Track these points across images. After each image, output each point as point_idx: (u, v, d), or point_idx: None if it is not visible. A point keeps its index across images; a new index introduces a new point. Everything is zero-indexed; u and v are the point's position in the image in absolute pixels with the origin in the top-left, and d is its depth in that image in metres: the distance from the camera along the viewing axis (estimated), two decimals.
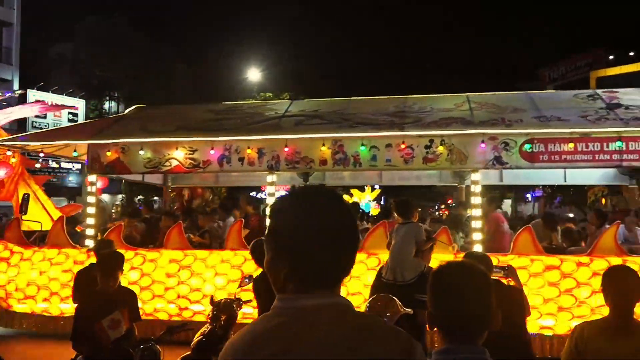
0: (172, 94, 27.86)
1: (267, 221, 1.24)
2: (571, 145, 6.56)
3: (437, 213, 35.97)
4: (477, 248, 6.72)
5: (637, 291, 2.69)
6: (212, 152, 6.94)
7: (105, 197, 22.24)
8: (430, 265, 5.22)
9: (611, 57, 36.75)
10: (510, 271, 4.22)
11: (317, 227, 1.19)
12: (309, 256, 1.18)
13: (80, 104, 28.18)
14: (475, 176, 6.83)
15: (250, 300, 4.49)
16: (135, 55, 30.00)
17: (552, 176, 8.59)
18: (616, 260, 6.24)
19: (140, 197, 28.10)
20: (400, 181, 10.16)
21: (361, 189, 25.69)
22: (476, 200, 6.82)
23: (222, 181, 9.29)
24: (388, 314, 3.54)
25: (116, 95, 33.07)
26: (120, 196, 27.08)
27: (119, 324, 3.87)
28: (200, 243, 7.18)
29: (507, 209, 35.29)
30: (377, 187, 25.64)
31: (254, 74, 30.80)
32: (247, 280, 4.66)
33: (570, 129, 6.52)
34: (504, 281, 4.05)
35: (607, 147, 6.58)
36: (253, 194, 22.46)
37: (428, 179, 9.88)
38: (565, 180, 8.48)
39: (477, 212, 6.82)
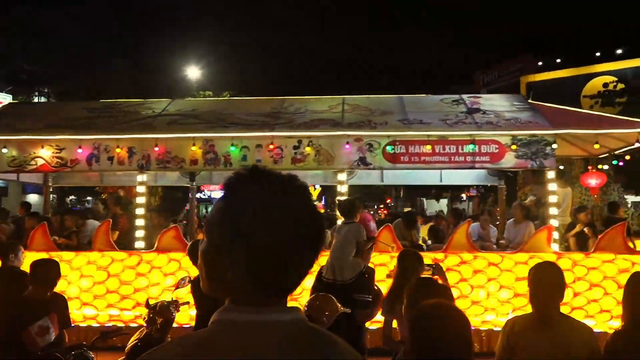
0: (108, 90, 27.28)
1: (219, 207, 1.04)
2: (428, 147, 6.92)
3: (377, 212, 36.75)
4: None
5: (558, 286, 2.82)
6: (79, 150, 6.92)
7: (35, 197, 21.55)
8: (369, 265, 5.29)
9: (540, 63, 38.33)
10: (437, 269, 4.38)
11: (288, 221, 1.00)
12: (274, 257, 0.99)
13: (6, 99, 27.14)
14: (341, 176, 7.12)
15: (187, 302, 4.41)
16: (69, 49, 29.21)
17: (430, 177, 8.99)
18: (468, 256, 6.68)
19: (72, 197, 27.38)
20: (399, 180, 9.90)
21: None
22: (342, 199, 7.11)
23: (107, 181, 9.17)
24: (327, 312, 3.51)
25: (46, 90, 32.00)
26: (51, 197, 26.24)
27: (47, 330, 3.70)
28: (66, 245, 7.12)
29: (444, 208, 36.36)
30: (317, 186, 25.82)
31: (193, 72, 30.50)
32: (184, 281, 4.54)
33: (428, 132, 6.91)
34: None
35: (462, 149, 6.98)
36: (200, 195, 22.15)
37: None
38: (441, 181, 8.91)
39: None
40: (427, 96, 7.99)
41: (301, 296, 5.54)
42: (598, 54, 36.17)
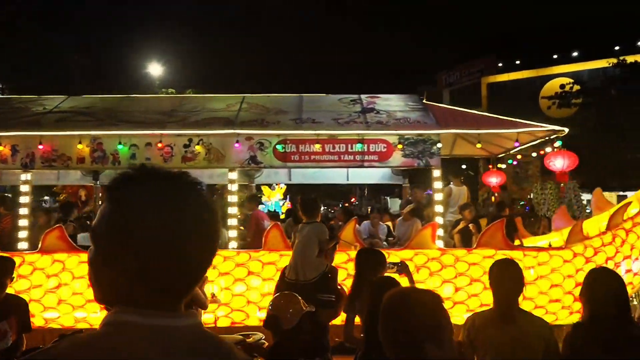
0: (67, 87, 26.82)
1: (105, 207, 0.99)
2: (318, 146, 6.98)
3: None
4: (233, 245, 7.05)
5: (518, 282, 2.92)
6: None
7: None
8: (333, 264, 5.22)
9: (500, 64, 38.92)
10: (403, 267, 4.38)
11: (179, 221, 0.96)
12: (165, 260, 0.95)
13: None
14: (232, 175, 7.13)
15: None
16: (26, 45, 28.57)
17: (337, 176, 9.07)
18: (354, 254, 6.76)
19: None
20: (307, 179, 9.95)
21: (271, 186, 25.73)
22: (233, 198, 7.13)
23: (5, 180, 8.96)
24: (291, 311, 3.50)
25: (1, 87, 31.31)
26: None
27: (5, 335, 3.61)
28: None
29: (396, 207, 36.62)
30: (282, 184, 25.74)
31: (155, 69, 30.18)
32: None
33: (318, 131, 6.96)
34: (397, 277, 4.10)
35: (352, 148, 7.06)
36: None
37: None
38: (347, 180, 8.99)
39: (234, 210, 7.13)
40: (327, 95, 8.04)
41: None
42: (555, 56, 36.85)
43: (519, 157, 8.29)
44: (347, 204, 43.29)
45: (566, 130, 7.33)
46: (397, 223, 7.93)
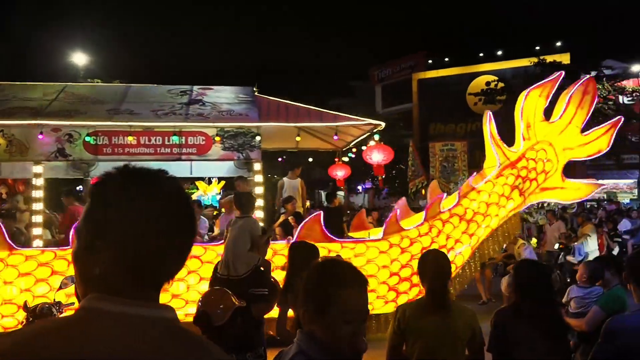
0: None
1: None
2: (131, 138, 6.67)
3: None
4: (38, 243, 6.65)
5: (447, 271, 3.03)
6: None
7: None
8: (266, 258, 5.18)
9: (430, 61, 39.53)
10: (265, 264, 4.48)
11: (159, 214, 0.99)
12: (140, 250, 0.97)
13: None
14: (37, 169, 6.71)
15: (72, 304, 4.16)
16: None
17: (181, 169, 8.75)
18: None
19: None
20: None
21: (207, 180, 25.17)
22: (38, 193, 6.72)
23: None
24: (221, 306, 3.42)
25: None
26: None
27: None
28: None
29: (342, 200, 36.76)
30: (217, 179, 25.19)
31: (80, 58, 29.00)
32: (68, 281, 4.27)
33: (131, 123, 6.64)
34: None
35: (168, 141, 6.79)
36: None
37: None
38: (191, 173, 8.72)
39: (39, 206, 6.74)
40: (157, 86, 7.73)
41: None
42: (481, 54, 37.75)
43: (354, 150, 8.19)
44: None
45: (383, 124, 7.31)
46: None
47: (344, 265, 1.72)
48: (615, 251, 11.60)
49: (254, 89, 7.57)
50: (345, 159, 9.81)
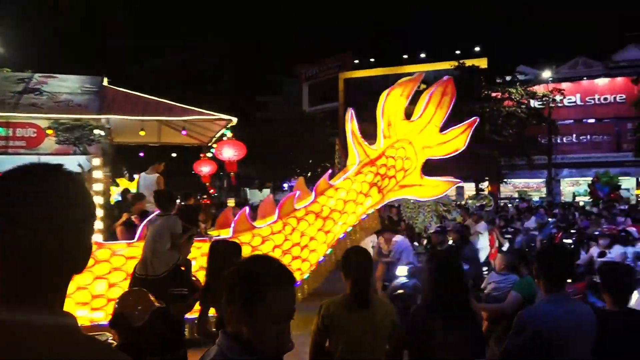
0: None
1: None
2: None
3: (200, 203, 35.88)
4: None
5: (370, 267, 3.14)
6: None
7: None
8: (188, 257, 5.03)
9: (356, 61, 40.02)
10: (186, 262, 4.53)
11: (47, 209, 0.92)
12: (31, 247, 0.90)
13: None
14: None
15: None
16: None
17: (8, 164, 8.23)
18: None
19: None
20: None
21: (130, 177, 24.07)
22: None
23: None
24: (140, 307, 3.27)
25: None
26: None
27: None
28: None
29: (256, 199, 36.48)
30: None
31: None
32: None
33: None
34: None
35: None
36: None
37: None
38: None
39: None
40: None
41: None
42: (405, 56, 38.55)
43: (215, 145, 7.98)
44: (204, 195, 42.50)
45: (234, 120, 7.14)
46: None
47: (272, 263, 1.65)
48: (505, 247, 12.04)
49: (104, 78, 7.15)
50: (210, 154, 9.58)
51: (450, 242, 12.98)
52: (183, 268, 4.92)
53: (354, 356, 2.97)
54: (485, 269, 10.37)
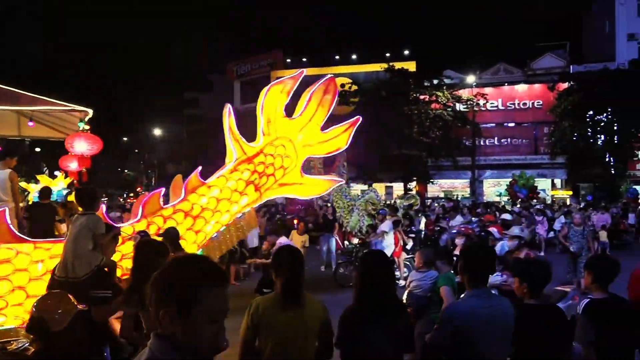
0: None
1: None
2: None
3: (127, 201, 34.74)
4: None
5: (302, 266, 3.11)
6: None
7: None
8: (113, 259, 4.83)
9: (288, 60, 39.98)
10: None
11: None
12: None
13: None
14: None
15: None
16: None
17: None
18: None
19: None
20: None
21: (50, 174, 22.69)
22: None
23: None
24: (60, 310, 3.14)
25: None
26: None
27: None
28: None
29: None
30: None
31: None
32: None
33: None
34: None
35: None
36: None
37: None
38: None
39: None
40: None
41: None
42: (337, 57, 38.85)
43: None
44: (131, 194, 41.18)
45: (90, 111, 6.88)
46: None
47: (204, 262, 1.60)
48: (409, 245, 12.36)
49: None
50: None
51: (356, 241, 13.25)
52: (107, 269, 4.70)
53: (283, 355, 2.98)
54: None
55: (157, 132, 41.94)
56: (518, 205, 22.48)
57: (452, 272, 5.00)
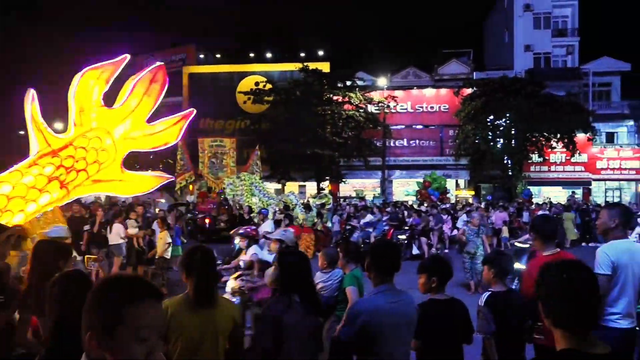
0: None
1: None
2: None
3: None
4: None
5: (215, 267, 3.24)
6: None
7: None
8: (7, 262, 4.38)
9: (202, 55, 39.11)
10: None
11: None
12: None
13: None
14: None
15: None
16: None
17: None
18: None
19: None
20: None
21: None
22: None
23: None
24: None
25: None
26: None
27: None
28: None
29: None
30: None
31: None
32: None
33: None
34: None
35: None
36: None
37: None
38: None
39: None
40: None
41: None
42: (252, 54, 38.52)
43: None
44: None
45: None
46: None
47: (131, 277, 1.53)
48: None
49: None
50: None
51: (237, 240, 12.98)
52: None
53: (192, 357, 2.90)
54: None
55: None
56: (425, 205, 23.45)
57: (359, 269, 5.01)
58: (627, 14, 55.52)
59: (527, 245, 9.49)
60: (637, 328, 4.05)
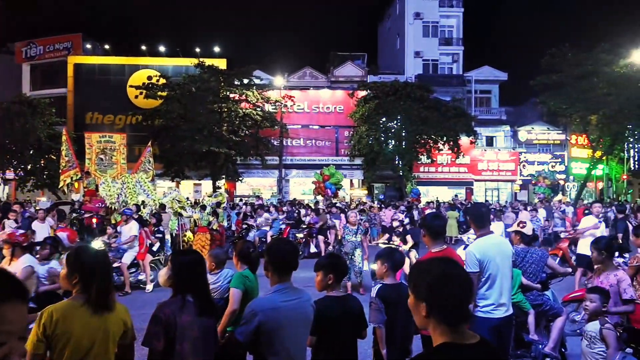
0: None
1: None
2: None
3: None
4: None
5: (111, 269, 3.12)
6: None
7: None
8: None
9: (88, 45, 36.80)
10: None
11: None
12: None
13: None
14: None
15: None
16: None
17: None
18: None
19: None
20: None
21: None
22: None
23: None
24: None
25: None
26: None
27: None
28: None
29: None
30: None
31: None
32: None
33: None
34: None
35: None
36: None
37: None
38: None
39: None
40: None
41: None
42: (144, 47, 36.90)
43: None
44: None
45: None
46: None
47: None
48: (155, 247, 11.90)
49: None
50: None
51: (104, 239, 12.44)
52: None
53: None
54: (133, 269, 10.87)
55: None
56: (321, 204, 23.93)
57: (248, 269, 4.86)
58: (506, 28, 60.71)
59: (391, 245, 10.01)
60: (513, 315, 4.48)
